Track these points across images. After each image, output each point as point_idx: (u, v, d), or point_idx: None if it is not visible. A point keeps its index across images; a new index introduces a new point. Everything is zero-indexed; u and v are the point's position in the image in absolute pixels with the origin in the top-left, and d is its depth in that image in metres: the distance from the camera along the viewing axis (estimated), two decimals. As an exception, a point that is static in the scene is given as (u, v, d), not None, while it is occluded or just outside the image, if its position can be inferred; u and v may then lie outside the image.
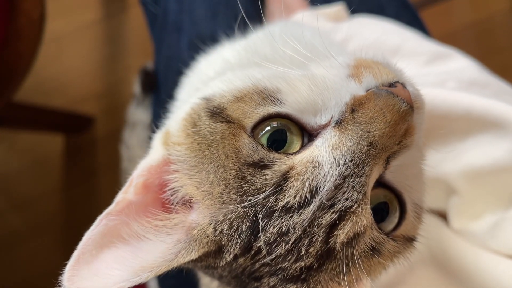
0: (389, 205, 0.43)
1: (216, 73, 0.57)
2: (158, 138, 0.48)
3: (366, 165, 0.38)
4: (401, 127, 0.39)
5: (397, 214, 0.43)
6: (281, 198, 0.38)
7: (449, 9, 1.78)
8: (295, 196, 0.38)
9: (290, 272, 0.40)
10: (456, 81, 0.64)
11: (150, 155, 0.47)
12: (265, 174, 0.38)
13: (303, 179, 0.38)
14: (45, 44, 1.14)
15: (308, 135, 0.42)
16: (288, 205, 0.38)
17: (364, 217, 0.38)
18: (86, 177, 1.66)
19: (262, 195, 0.38)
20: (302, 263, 0.39)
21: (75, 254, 0.38)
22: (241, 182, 0.39)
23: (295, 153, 0.40)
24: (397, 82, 0.41)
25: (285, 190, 0.38)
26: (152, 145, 0.49)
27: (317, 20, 0.75)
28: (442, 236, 0.61)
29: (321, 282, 0.40)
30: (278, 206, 0.38)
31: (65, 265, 0.38)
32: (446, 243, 0.60)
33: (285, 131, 0.41)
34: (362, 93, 0.40)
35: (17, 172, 1.67)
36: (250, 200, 0.38)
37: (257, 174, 0.38)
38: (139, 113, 1.20)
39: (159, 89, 0.89)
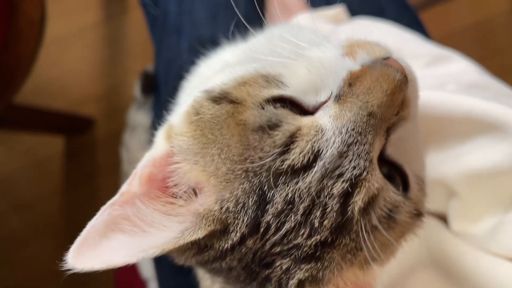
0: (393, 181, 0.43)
1: (215, 73, 0.57)
2: (161, 133, 0.48)
3: (368, 134, 0.39)
4: (398, 97, 0.40)
5: (400, 188, 0.44)
6: (287, 158, 0.38)
7: (448, 11, 1.79)
8: (299, 154, 0.38)
9: (304, 249, 0.39)
10: (456, 83, 0.64)
11: (153, 149, 0.47)
12: (275, 135, 0.39)
13: (307, 140, 0.38)
14: (45, 46, 1.14)
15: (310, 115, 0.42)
16: (293, 163, 0.38)
17: (375, 182, 0.39)
18: (86, 179, 1.66)
19: (270, 158, 0.38)
20: (318, 237, 0.38)
21: (79, 239, 0.38)
22: (246, 154, 0.39)
23: (300, 117, 0.41)
24: (389, 57, 0.42)
25: (291, 149, 0.38)
26: (155, 141, 0.49)
27: (317, 21, 0.75)
28: (442, 239, 0.61)
29: (335, 260, 0.40)
30: (284, 166, 0.38)
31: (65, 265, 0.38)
32: (446, 246, 0.60)
33: None
34: (357, 68, 0.42)
35: (17, 174, 1.67)
36: (254, 167, 0.38)
37: (265, 137, 0.39)
38: (139, 116, 1.21)
39: (159, 91, 0.89)
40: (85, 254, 0.38)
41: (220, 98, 0.43)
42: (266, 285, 0.42)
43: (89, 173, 1.66)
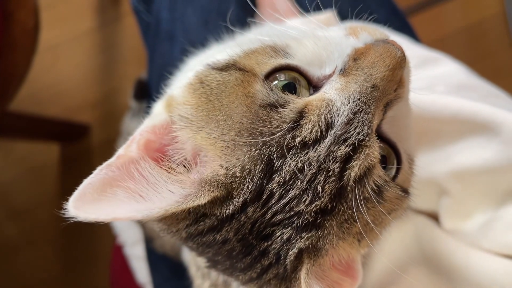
0: (387, 158, 0.45)
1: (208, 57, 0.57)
2: (159, 103, 0.48)
3: (372, 104, 0.41)
4: (398, 73, 0.42)
5: (395, 166, 0.45)
6: (298, 134, 0.39)
7: (440, 15, 1.80)
8: (311, 131, 0.39)
9: (305, 217, 0.39)
10: (445, 85, 0.65)
11: (152, 117, 0.46)
12: (282, 112, 0.40)
13: (319, 113, 0.39)
14: (40, 53, 1.14)
15: (314, 88, 0.44)
16: (305, 139, 0.39)
17: (375, 150, 0.40)
18: (82, 186, 1.65)
19: (279, 133, 0.39)
20: (319, 203, 0.39)
21: (76, 193, 0.37)
22: (255, 124, 0.39)
23: (305, 97, 0.42)
24: (388, 39, 0.45)
25: (302, 125, 0.39)
26: (153, 111, 0.49)
27: (308, 26, 0.76)
28: (434, 237, 0.62)
29: (334, 228, 0.40)
30: (295, 142, 0.39)
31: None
32: (437, 243, 0.61)
33: (294, 85, 0.43)
34: (361, 45, 0.44)
35: (13, 181, 1.67)
36: (264, 138, 0.39)
37: (273, 113, 0.40)
38: (134, 124, 1.21)
39: (152, 98, 0.89)
40: (87, 206, 0.37)
41: (228, 66, 0.44)
42: (261, 260, 0.42)
43: (85, 179, 1.65)
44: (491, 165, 0.58)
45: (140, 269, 1.03)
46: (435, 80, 0.66)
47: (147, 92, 0.94)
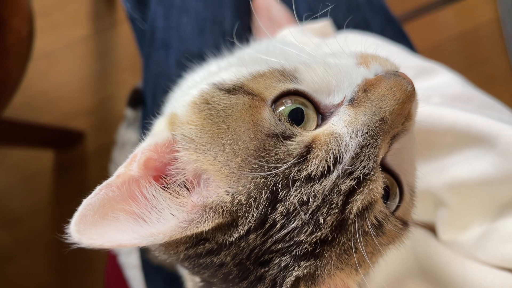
0: (390, 189, 0.44)
1: (206, 77, 0.57)
2: (161, 121, 0.47)
3: (379, 138, 0.40)
4: (407, 107, 0.42)
5: (397, 197, 0.45)
6: (304, 168, 0.38)
7: (434, 22, 1.81)
8: (318, 166, 0.38)
9: (305, 246, 0.39)
10: (440, 96, 0.65)
11: (154, 135, 0.45)
12: (289, 145, 0.39)
13: (327, 149, 0.39)
14: (34, 60, 1.14)
15: (321, 116, 0.43)
16: (312, 174, 0.38)
17: (379, 185, 0.40)
18: (76, 193, 1.63)
19: (284, 166, 0.38)
20: (319, 234, 0.39)
21: (77, 215, 0.36)
22: (262, 153, 0.39)
23: (313, 130, 0.42)
24: (398, 71, 0.45)
25: (309, 160, 0.39)
26: (153, 129, 0.48)
27: (304, 34, 0.76)
28: (431, 248, 0.62)
29: (333, 259, 0.40)
30: (301, 176, 0.38)
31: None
32: (434, 255, 0.60)
33: (301, 110, 0.42)
34: (371, 76, 0.43)
35: (7, 189, 1.66)
36: (270, 170, 0.38)
37: (279, 145, 0.39)
38: (129, 134, 1.21)
39: (147, 106, 0.89)
40: (90, 230, 0.36)
41: (235, 89, 0.43)
42: (257, 285, 0.41)
43: (79, 187, 1.65)
44: (487, 177, 0.58)
45: (135, 278, 1.03)
46: (431, 91, 0.66)
47: (142, 100, 0.94)
